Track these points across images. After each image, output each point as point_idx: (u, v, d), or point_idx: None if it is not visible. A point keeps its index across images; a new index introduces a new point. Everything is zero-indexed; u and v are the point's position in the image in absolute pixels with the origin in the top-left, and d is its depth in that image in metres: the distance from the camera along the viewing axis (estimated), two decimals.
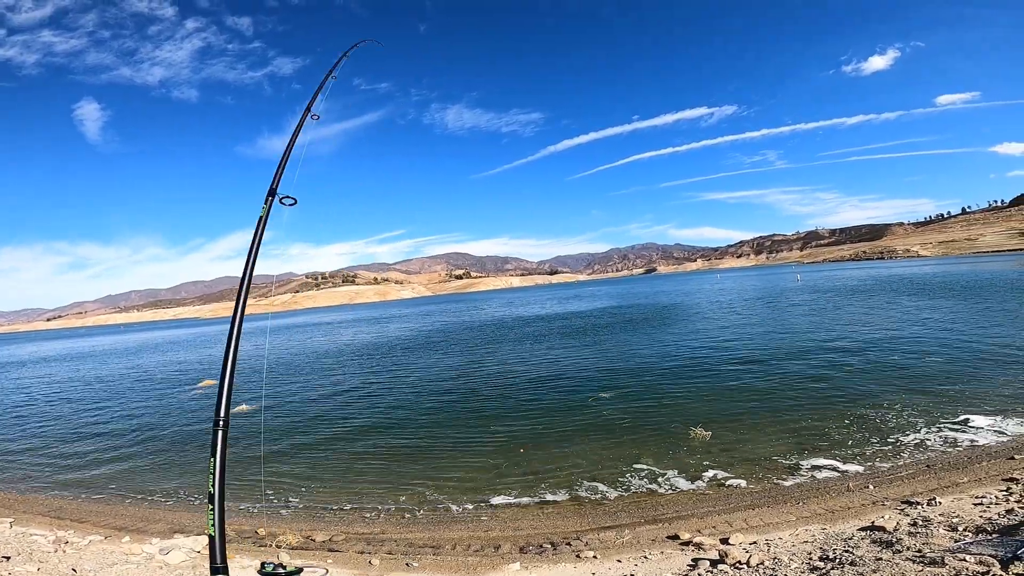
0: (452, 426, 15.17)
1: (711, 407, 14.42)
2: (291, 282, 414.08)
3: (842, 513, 7.68)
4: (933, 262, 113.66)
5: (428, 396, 19.56)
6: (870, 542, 5.63)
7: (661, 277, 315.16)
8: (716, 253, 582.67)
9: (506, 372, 23.11)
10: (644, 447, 11.80)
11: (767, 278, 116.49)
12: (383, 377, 24.86)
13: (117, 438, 17.02)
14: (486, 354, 29.83)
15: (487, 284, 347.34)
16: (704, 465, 10.47)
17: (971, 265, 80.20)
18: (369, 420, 16.78)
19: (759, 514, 8.22)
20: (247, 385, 25.54)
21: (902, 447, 10.35)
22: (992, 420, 11.04)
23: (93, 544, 8.12)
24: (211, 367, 35.45)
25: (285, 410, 19.16)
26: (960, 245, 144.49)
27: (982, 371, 15.12)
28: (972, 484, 7.76)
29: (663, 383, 18.00)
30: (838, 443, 10.92)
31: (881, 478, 8.99)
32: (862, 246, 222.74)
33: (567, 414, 15.27)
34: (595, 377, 20.19)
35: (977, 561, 3.80)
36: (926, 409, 12.35)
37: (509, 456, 12.24)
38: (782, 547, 6.39)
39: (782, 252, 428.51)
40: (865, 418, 12.19)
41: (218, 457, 1.97)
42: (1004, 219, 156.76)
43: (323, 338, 54.27)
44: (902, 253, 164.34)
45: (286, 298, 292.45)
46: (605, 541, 8.05)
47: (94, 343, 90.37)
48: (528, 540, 8.38)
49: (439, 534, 8.78)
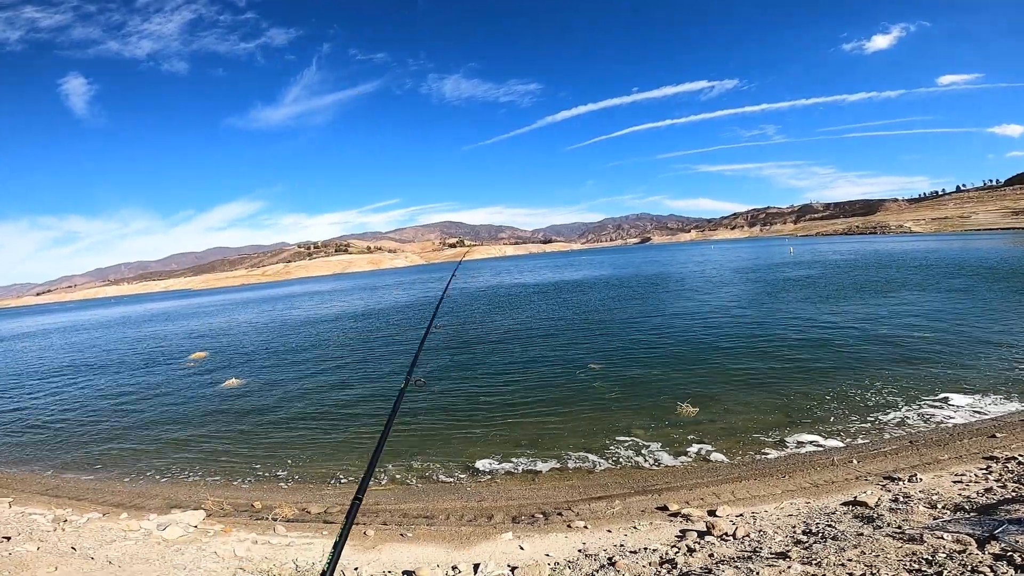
0: (441, 395, 15.30)
1: (699, 381, 14.62)
2: (283, 252, 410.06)
3: (826, 487, 7.90)
4: (925, 238, 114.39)
5: (419, 367, 19.65)
6: (852, 517, 5.80)
7: (655, 247, 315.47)
8: (710, 224, 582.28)
9: (496, 341, 23.26)
10: (633, 420, 11.99)
11: (760, 250, 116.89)
12: (372, 347, 24.95)
13: (110, 414, 17.03)
14: (475, 324, 29.89)
15: (481, 252, 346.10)
16: (691, 439, 10.69)
17: (963, 242, 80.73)
18: (360, 390, 16.90)
19: (746, 487, 8.44)
20: (237, 357, 25.56)
21: (885, 424, 10.59)
22: (972, 399, 11.29)
23: (91, 521, 8.21)
24: (202, 339, 35.37)
25: (277, 382, 19.22)
26: (953, 222, 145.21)
27: (964, 350, 15.31)
28: (953, 461, 7.98)
29: (652, 355, 18.20)
30: (822, 419, 11.15)
31: (864, 453, 9.23)
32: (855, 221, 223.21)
33: (558, 385, 15.45)
34: (586, 348, 20.37)
35: (954, 539, 3.93)
36: (908, 387, 12.56)
37: (499, 427, 12.42)
38: (767, 520, 6.59)
39: (776, 225, 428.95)
40: (848, 394, 12.41)
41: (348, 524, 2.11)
42: (998, 198, 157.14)
43: (315, 307, 54.13)
44: (895, 228, 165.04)
45: (278, 267, 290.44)
46: (595, 511, 8.25)
47: (84, 317, 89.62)
48: (520, 510, 8.57)
49: (432, 504, 8.96)
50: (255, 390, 18.20)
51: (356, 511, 2.27)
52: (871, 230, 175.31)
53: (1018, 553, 3.30)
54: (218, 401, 17.19)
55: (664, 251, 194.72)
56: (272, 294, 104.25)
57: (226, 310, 65.28)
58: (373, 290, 77.85)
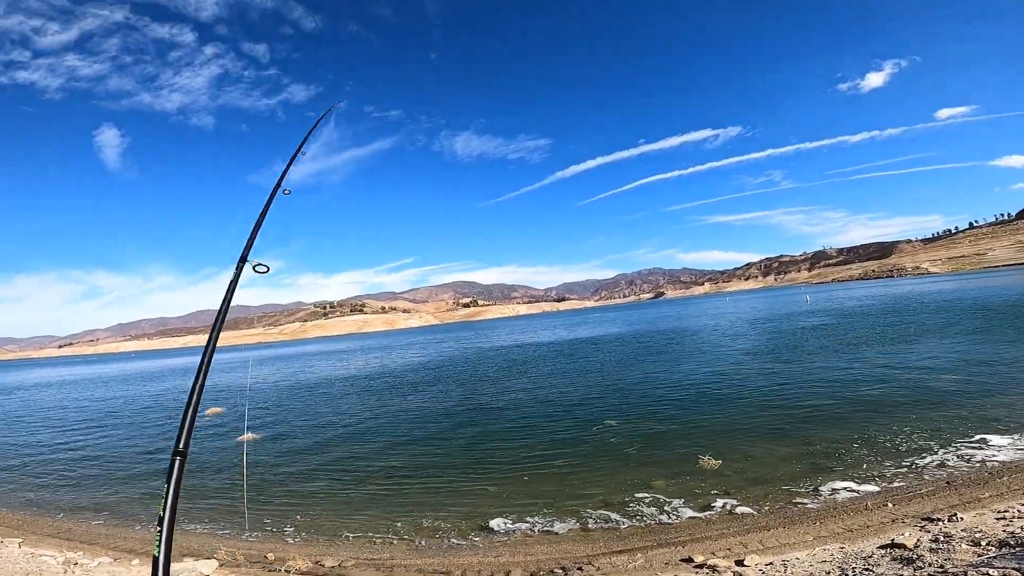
0: (457, 453, 15.03)
1: (720, 433, 14.17)
2: (300, 311, 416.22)
3: (860, 532, 7.48)
4: (943, 278, 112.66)
5: (433, 423, 19.42)
6: (890, 559, 5.48)
7: (668, 302, 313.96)
8: (723, 276, 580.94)
9: (511, 399, 22.92)
10: (653, 475, 11.54)
11: (775, 300, 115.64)
12: (389, 404, 24.75)
13: (124, 462, 17.07)
14: (490, 382, 29.64)
15: (494, 312, 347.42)
16: (716, 491, 10.24)
17: (981, 280, 79.30)
18: (376, 446, 16.67)
19: (775, 535, 8.02)
20: (253, 413, 25.53)
21: (920, 466, 10.12)
22: (1011, 439, 10.79)
23: (102, 566, 8.04)
24: (219, 394, 35.44)
25: (292, 436, 19.08)
26: (969, 260, 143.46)
27: (994, 390, 14.83)
28: (994, 499, 7.55)
29: (670, 410, 17.71)
30: (852, 465, 10.69)
31: (900, 496, 8.78)
32: (870, 265, 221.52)
33: (573, 441, 15.06)
34: (601, 404, 19.94)
35: (1001, 574, 3.70)
36: (940, 429, 12.09)
37: (515, 483, 12.04)
38: (799, 567, 6.23)
39: (790, 273, 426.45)
40: (877, 440, 11.94)
41: (172, 484, 2.01)
42: (1012, 232, 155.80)
43: (331, 366, 54.24)
44: (911, 270, 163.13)
45: (295, 327, 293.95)
46: (617, 565, 7.87)
47: (103, 370, 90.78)
48: (538, 566, 8.20)
49: (448, 560, 8.62)
50: (269, 445, 18.04)
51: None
52: (887, 273, 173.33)
53: None
54: (232, 455, 17.05)
55: (678, 305, 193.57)
56: (288, 352, 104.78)
57: (243, 367, 65.56)
58: (388, 350, 77.90)
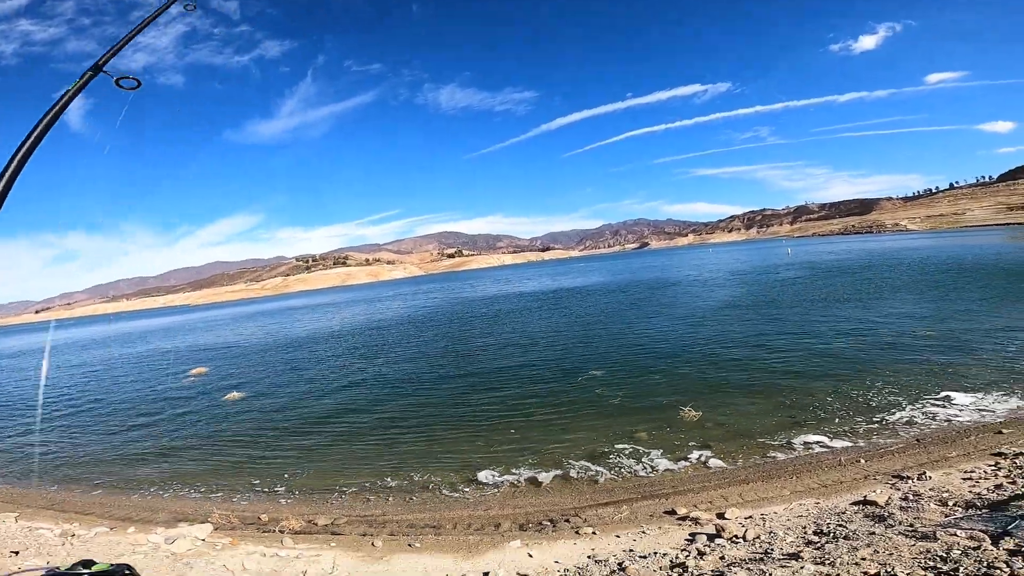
0: (445, 406, 15.31)
1: (700, 385, 14.64)
2: (282, 265, 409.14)
3: (835, 487, 7.89)
4: (921, 236, 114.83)
5: (420, 377, 19.65)
6: (863, 516, 5.79)
7: (653, 252, 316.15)
8: (707, 228, 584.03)
9: (497, 350, 23.25)
10: (637, 426, 11.95)
11: (757, 252, 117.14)
12: (375, 359, 24.91)
13: (112, 430, 17.02)
14: (476, 333, 29.94)
15: (479, 262, 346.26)
16: (696, 444, 10.66)
17: (957, 239, 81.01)
18: (363, 402, 16.88)
19: (753, 489, 8.42)
20: (238, 372, 25.51)
21: (890, 423, 10.58)
22: (974, 397, 11.28)
23: (99, 536, 8.17)
24: (202, 354, 35.28)
25: (278, 395, 19.19)
26: (947, 219, 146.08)
27: (963, 348, 15.31)
28: (961, 459, 7.96)
29: (653, 360, 18.20)
30: (827, 420, 11.15)
31: (872, 452, 9.22)
32: (851, 220, 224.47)
33: (559, 392, 15.45)
34: (586, 355, 20.36)
35: (968, 536, 3.92)
36: (910, 386, 12.56)
37: (503, 435, 12.39)
38: (777, 521, 6.56)
39: (772, 226, 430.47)
40: (851, 395, 12.41)
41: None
42: (991, 194, 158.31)
43: (315, 321, 54.08)
44: (890, 227, 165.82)
45: (277, 282, 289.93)
46: (603, 517, 8.22)
47: (82, 334, 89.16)
48: (527, 518, 8.54)
49: (440, 514, 8.91)
50: (256, 404, 18.14)
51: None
52: (867, 229, 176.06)
53: None
54: (219, 415, 17.14)
55: (662, 256, 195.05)
56: (271, 308, 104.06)
57: (226, 325, 65.19)
58: (373, 302, 77.79)
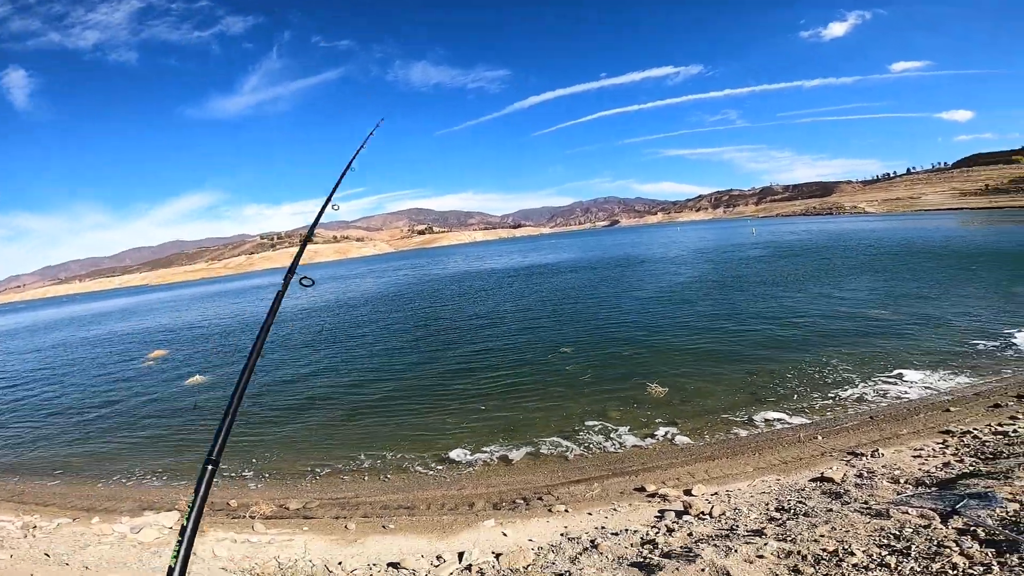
0: (416, 385, 15.27)
1: (666, 361, 15.04)
2: (245, 243, 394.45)
3: (795, 464, 8.27)
4: (877, 218, 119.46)
5: (390, 356, 19.51)
6: (820, 493, 6.10)
7: (623, 230, 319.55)
8: (676, 207, 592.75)
9: (467, 328, 23.28)
10: (606, 404, 12.22)
11: (724, 231, 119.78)
12: (342, 338, 24.56)
13: (70, 416, 16.34)
14: (446, 311, 29.83)
15: (450, 239, 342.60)
16: (663, 420, 11.00)
17: (912, 222, 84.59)
18: (331, 382, 16.69)
19: (719, 465, 8.75)
20: (200, 354, 24.76)
21: (845, 400, 11.12)
22: (924, 375, 11.94)
23: (62, 527, 7.93)
24: (161, 336, 33.99)
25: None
26: (903, 203, 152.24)
27: (914, 327, 16.07)
28: (911, 436, 8.45)
29: (622, 337, 18.57)
30: (786, 396, 11.63)
31: (828, 429, 9.69)
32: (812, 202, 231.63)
33: (530, 370, 15.62)
34: (556, 332, 20.60)
35: (919, 514, 4.17)
36: (864, 363, 13.16)
37: (474, 413, 12.51)
38: (741, 498, 6.86)
39: (739, 206, 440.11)
40: (809, 372, 12.94)
41: (200, 493, 1.78)
42: (946, 180, 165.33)
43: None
44: (849, 209, 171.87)
45: (240, 260, 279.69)
46: (575, 494, 8.42)
47: (34, 318, 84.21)
48: (501, 496, 8.67)
49: (413, 495, 8.96)
50: (220, 387, 17.68)
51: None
52: (827, 211, 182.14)
53: (980, 528, 3.53)
54: (181, 400, 16.64)
55: (632, 233, 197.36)
56: (235, 287, 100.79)
57: (186, 305, 62.76)
58: (341, 279, 76.23)
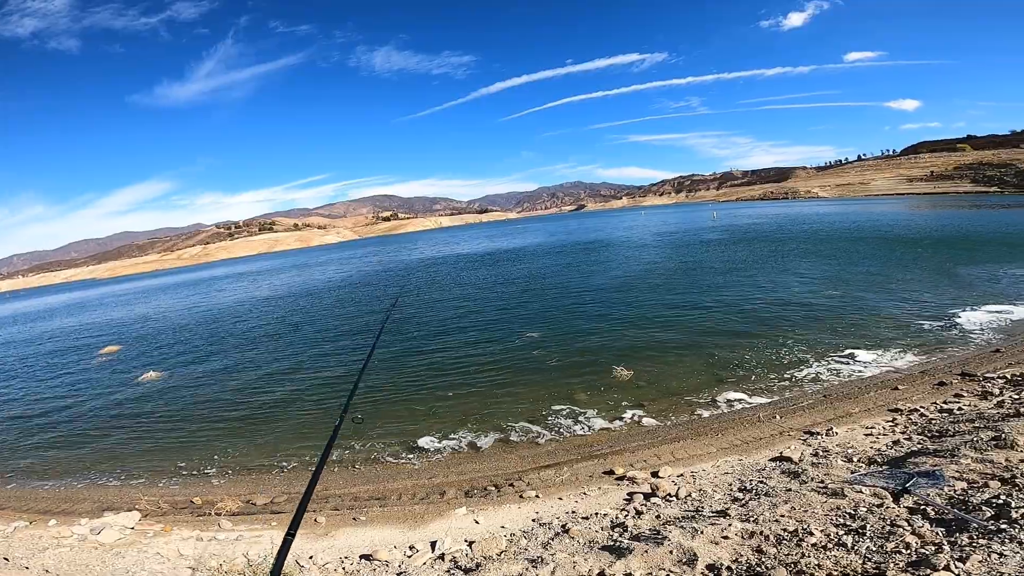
0: (382, 372, 15.08)
1: (631, 344, 15.37)
2: (200, 233, 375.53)
3: (755, 444, 8.61)
4: (830, 202, 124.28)
5: (355, 343, 19.22)
6: (780, 472, 6.38)
7: (589, 214, 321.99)
8: (640, 191, 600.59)
9: (432, 314, 23.14)
10: (573, 387, 12.40)
11: (686, 215, 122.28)
12: (305, 326, 24.06)
13: (19, 418, 15.46)
14: (412, 297, 29.51)
15: (416, 225, 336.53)
16: (630, 402, 11.27)
17: (863, 206, 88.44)
18: (295, 372, 16.35)
19: (684, 447, 9.03)
20: (154, 349, 23.73)
21: (800, 380, 11.64)
22: (874, 354, 12.60)
23: (19, 530, 7.54)
24: (113, 331, 32.34)
25: (200, 372, 18.04)
26: (855, 188, 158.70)
27: (864, 308, 16.89)
28: (863, 414, 8.92)
29: (586, 321, 18.85)
30: (745, 377, 12.07)
31: (785, 408, 10.12)
32: (770, 187, 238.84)
33: (497, 355, 15.70)
34: (523, 317, 20.77)
35: (872, 493, 4.42)
36: (817, 344, 13.78)
37: (441, 400, 12.50)
38: (706, 479, 7.10)
39: (700, 191, 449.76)
40: (766, 353, 13.47)
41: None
42: (894, 166, 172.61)
43: (240, 290, 50.84)
44: (804, 194, 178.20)
45: (196, 251, 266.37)
46: (546, 480, 8.54)
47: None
48: (472, 484, 8.71)
49: (383, 485, 8.90)
50: (177, 382, 17.02)
51: (288, 548, 2.09)
52: (784, 195, 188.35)
53: (930, 507, 3.77)
54: (137, 396, 15.94)
55: (597, 217, 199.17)
56: (190, 278, 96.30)
57: (138, 299, 59.72)
58: (302, 268, 74.12)
